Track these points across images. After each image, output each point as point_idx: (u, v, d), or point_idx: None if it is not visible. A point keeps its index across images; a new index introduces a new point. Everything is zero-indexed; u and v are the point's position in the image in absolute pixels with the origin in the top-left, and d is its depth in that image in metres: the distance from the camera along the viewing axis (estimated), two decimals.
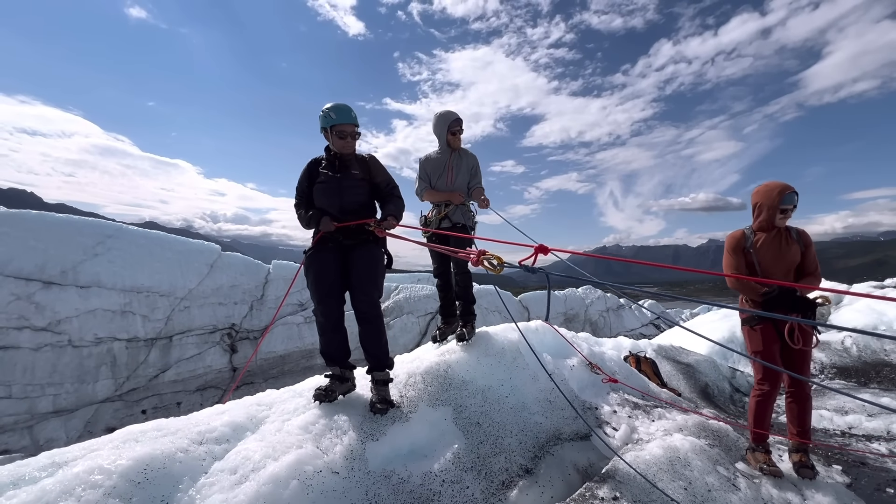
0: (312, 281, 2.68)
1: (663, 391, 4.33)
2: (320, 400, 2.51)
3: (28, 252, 7.90)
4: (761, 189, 2.92)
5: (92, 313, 8.33)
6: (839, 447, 3.92)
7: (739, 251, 2.97)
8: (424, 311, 15.24)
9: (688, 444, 2.95)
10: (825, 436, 4.36)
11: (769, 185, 2.89)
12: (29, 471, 1.78)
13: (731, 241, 3.03)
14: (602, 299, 28.67)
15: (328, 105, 2.75)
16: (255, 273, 11.63)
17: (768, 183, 2.90)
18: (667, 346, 6.11)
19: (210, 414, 2.37)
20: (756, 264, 2.91)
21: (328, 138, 2.79)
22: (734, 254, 2.98)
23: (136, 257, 9.42)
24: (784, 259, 2.88)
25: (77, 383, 8.07)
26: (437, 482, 2.22)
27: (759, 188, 2.94)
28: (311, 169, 2.85)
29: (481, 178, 3.75)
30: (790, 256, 2.92)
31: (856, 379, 5.97)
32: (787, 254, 2.90)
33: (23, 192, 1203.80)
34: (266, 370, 11.21)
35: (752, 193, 3.00)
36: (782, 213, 2.84)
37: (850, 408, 4.90)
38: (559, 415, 3.12)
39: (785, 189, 2.82)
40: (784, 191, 2.81)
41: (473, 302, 3.49)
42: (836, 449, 3.82)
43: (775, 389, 2.95)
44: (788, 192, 2.80)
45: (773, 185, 2.88)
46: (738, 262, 2.97)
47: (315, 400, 2.52)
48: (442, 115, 3.68)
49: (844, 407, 4.95)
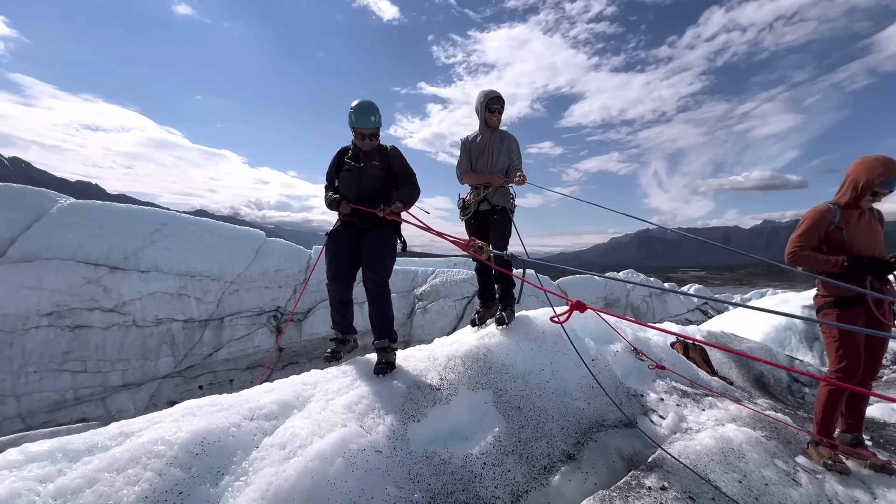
0: (329, 260, 3.00)
1: (714, 379, 4.12)
2: (329, 361, 2.94)
3: (95, 239, 8.55)
4: (863, 163, 2.62)
5: (152, 296, 8.93)
6: None
7: (821, 228, 2.73)
8: (461, 294, 15.28)
9: (742, 435, 2.79)
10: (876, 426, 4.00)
11: (872, 162, 2.57)
12: (101, 439, 1.93)
13: (814, 215, 2.76)
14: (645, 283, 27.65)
15: (354, 104, 2.94)
16: (298, 258, 12.03)
17: (874, 157, 2.59)
18: (717, 332, 5.81)
19: (259, 392, 2.47)
20: (847, 242, 2.66)
21: (353, 134, 3.02)
22: (812, 230, 2.74)
23: (189, 243, 9.99)
24: (874, 238, 2.64)
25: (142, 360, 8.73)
26: (479, 464, 2.23)
27: (861, 161, 2.64)
28: (338, 157, 3.14)
29: (521, 160, 3.64)
30: (877, 236, 2.67)
31: None
32: (876, 233, 2.65)
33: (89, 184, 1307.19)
34: (310, 351, 11.68)
35: (853, 164, 2.71)
36: (874, 195, 2.57)
37: None
38: (602, 401, 3.03)
39: (889, 171, 2.50)
40: (887, 173, 2.50)
41: (513, 285, 3.43)
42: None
43: (853, 379, 2.72)
44: (891, 176, 2.50)
45: (876, 162, 2.55)
46: (814, 239, 2.73)
47: (325, 362, 2.94)
48: (482, 94, 3.58)
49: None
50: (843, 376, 2.76)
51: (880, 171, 2.56)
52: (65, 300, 7.94)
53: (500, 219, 3.48)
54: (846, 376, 2.75)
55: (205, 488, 1.75)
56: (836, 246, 2.74)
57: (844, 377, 2.75)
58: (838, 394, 2.81)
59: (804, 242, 2.78)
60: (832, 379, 2.81)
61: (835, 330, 2.79)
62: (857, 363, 2.73)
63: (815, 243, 2.78)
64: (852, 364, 2.73)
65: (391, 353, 2.84)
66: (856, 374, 2.75)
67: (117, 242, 8.81)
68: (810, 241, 2.78)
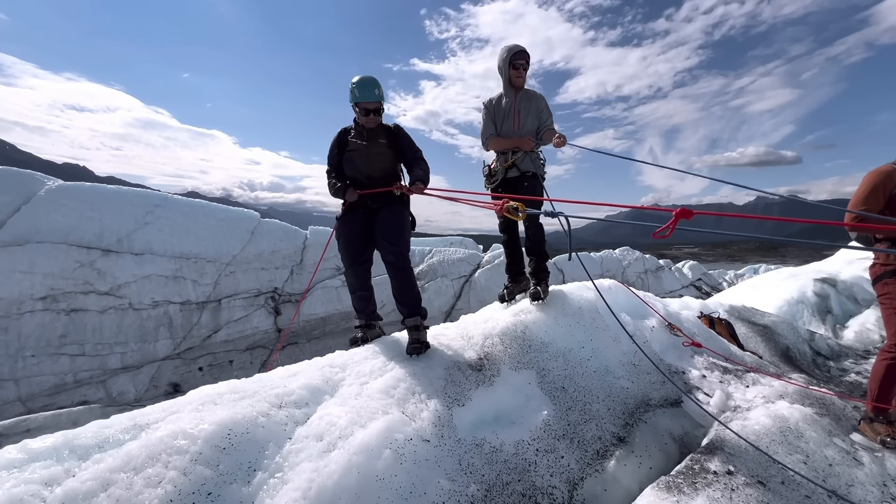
0: (343, 247, 2.90)
1: (746, 354, 3.97)
2: (355, 345, 2.82)
3: (86, 222, 8.23)
4: None
5: (148, 279, 8.68)
6: None
7: (886, 190, 2.49)
8: (458, 274, 15.14)
9: (797, 412, 2.63)
10: None
11: None
12: (112, 433, 1.69)
13: (877, 176, 2.52)
14: (640, 260, 27.68)
15: (355, 79, 2.82)
16: (294, 239, 11.75)
17: None
18: (738, 306, 5.66)
19: (283, 376, 2.24)
20: None
21: (354, 111, 2.89)
22: (877, 192, 2.50)
23: (183, 225, 9.67)
24: None
25: (140, 342, 8.53)
26: (531, 451, 2.03)
27: None
28: (340, 139, 2.98)
29: (552, 118, 3.34)
30: None
31: None
32: None
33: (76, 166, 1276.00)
34: (309, 331, 11.51)
35: None
36: None
37: None
38: (645, 379, 2.85)
39: None
40: None
41: (547, 258, 3.19)
42: None
43: None
44: None
45: None
46: (879, 203, 2.50)
47: (351, 345, 2.83)
48: (506, 49, 3.26)
49: None
50: None
51: None
52: (59, 284, 7.68)
53: (530, 185, 3.22)
54: None
55: (236, 487, 1.52)
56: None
57: None
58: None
59: (869, 205, 2.56)
60: (891, 353, 2.65)
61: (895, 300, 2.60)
62: None
63: (881, 206, 2.55)
64: None
65: (423, 332, 2.65)
66: None
67: (109, 225, 8.51)
68: (875, 205, 2.55)
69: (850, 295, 7.74)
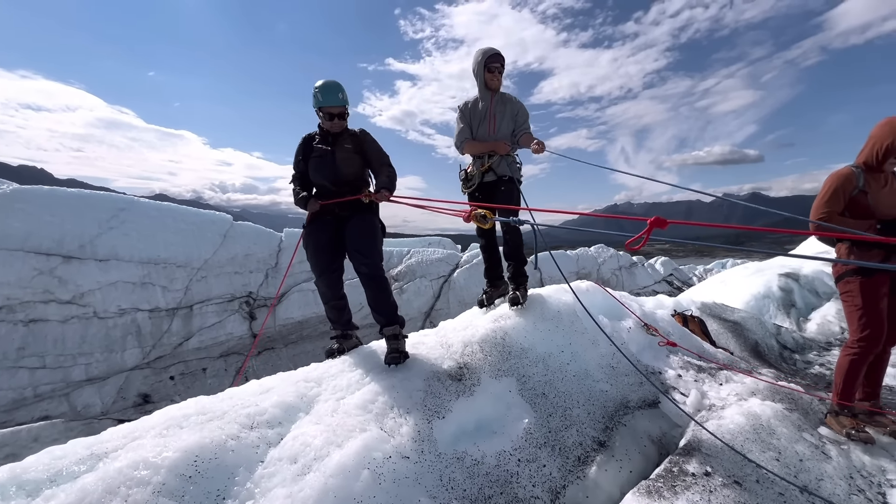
0: (312, 256, 2.82)
1: (719, 351, 4.07)
2: (331, 357, 2.73)
3: (45, 227, 7.82)
4: (888, 124, 2.46)
5: (113, 285, 8.33)
6: None
7: (847, 191, 2.58)
8: (437, 274, 15.12)
9: (769, 409, 2.70)
10: (891, 393, 4.10)
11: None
12: (66, 464, 1.57)
13: (837, 179, 2.60)
14: (615, 257, 28.29)
15: (318, 84, 2.79)
16: (268, 242, 11.48)
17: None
18: (710, 303, 5.82)
19: (254, 392, 2.15)
20: (871, 206, 2.52)
21: (319, 117, 2.84)
22: (837, 195, 2.59)
23: (150, 229, 9.30)
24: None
25: (106, 352, 8.16)
26: (513, 462, 2.01)
27: (886, 121, 2.48)
28: (304, 145, 2.93)
29: (529, 123, 3.33)
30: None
31: None
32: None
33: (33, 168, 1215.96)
34: (285, 336, 11.27)
35: (877, 125, 2.55)
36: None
37: None
38: (624, 381, 2.87)
39: None
40: None
41: (525, 262, 3.18)
42: None
43: (875, 348, 2.65)
44: None
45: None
46: (840, 204, 2.59)
47: (326, 357, 2.74)
48: (478, 52, 3.23)
49: None
50: (865, 345, 2.69)
51: None
52: (15, 293, 7.26)
53: (507, 190, 3.20)
54: (869, 345, 2.68)
55: None
56: (860, 211, 2.61)
57: (867, 346, 2.69)
58: (860, 363, 2.74)
59: (831, 208, 2.65)
60: (854, 348, 2.75)
61: (857, 298, 2.70)
62: (881, 331, 2.66)
63: (841, 208, 2.64)
64: (875, 332, 2.65)
65: (402, 341, 2.61)
66: (879, 342, 2.68)
67: (70, 230, 8.09)
68: (836, 206, 2.64)
69: (811, 289, 8.09)
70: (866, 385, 2.91)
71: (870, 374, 2.88)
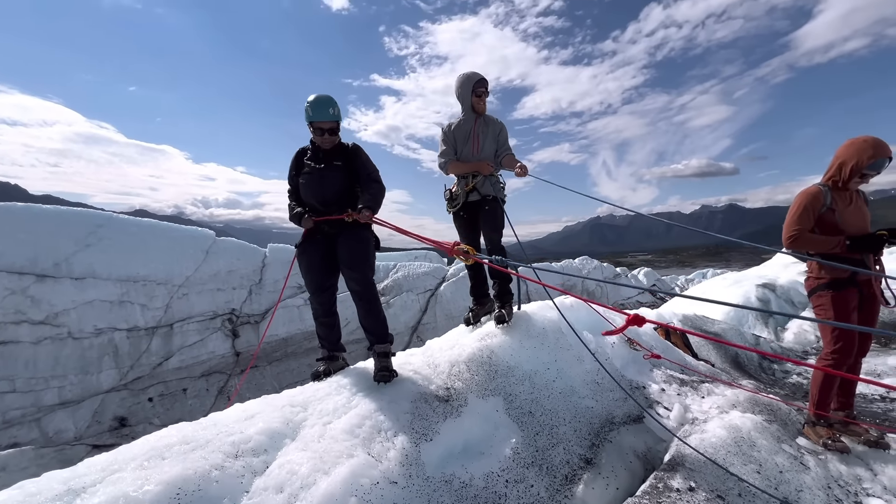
0: (306, 274, 2.84)
1: (700, 364, 4.16)
2: (317, 380, 2.69)
3: (18, 246, 7.56)
4: (852, 144, 2.60)
5: (90, 304, 8.07)
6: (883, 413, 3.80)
7: (815, 209, 2.70)
8: (423, 288, 15.09)
9: (749, 422, 2.77)
10: (864, 401, 4.24)
11: (861, 143, 2.54)
12: (41, 501, 1.52)
13: (806, 198, 2.73)
14: (598, 269, 28.70)
15: (309, 99, 2.77)
16: (252, 257, 11.31)
17: (863, 139, 2.57)
18: (691, 315, 5.94)
19: (239, 418, 2.11)
20: (839, 223, 2.64)
21: (311, 132, 2.83)
22: (807, 213, 2.71)
23: (129, 246, 9.08)
24: (864, 219, 2.64)
25: (81, 374, 7.88)
26: (501, 483, 2.01)
27: (850, 142, 2.62)
28: (297, 160, 2.92)
29: (509, 144, 3.41)
30: (865, 217, 2.68)
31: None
32: (864, 214, 2.66)
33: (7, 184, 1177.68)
34: (269, 353, 11.06)
35: (842, 146, 2.69)
36: (862, 177, 2.56)
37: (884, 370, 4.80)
38: (608, 397, 2.91)
39: (879, 153, 2.49)
40: (877, 155, 2.49)
41: (510, 280, 3.22)
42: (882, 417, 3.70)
43: (848, 360, 2.74)
44: (881, 158, 2.49)
45: (866, 143, 2.53)
46: (810, 221, 2.70)
47: (312, 380, 2.70)
48: (466, 77, 3.31)
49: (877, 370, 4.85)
50: (838, 357, 2.79)
51: (870, 153, 2.55)
52: None
53: (491, 209, 3.25)
54: (842, 357, 2.78)
55: None
56: (828, 228, 2.74)
57: (840, 358, 2.78)
58: (834, 374, 2.84)
59: (802, 225, 2.76)
60: (827, 360, 2.85)
61: (829, 311, 2.81)
62: (852, 343, 2.76)
63: (811, 225, 2.76)
64: (847, 345, 2.75)
65: (390, 359, 2.64)
66: (850, 354, 2.78)
67: (45, 248, 7.84)
68: (807, 224, 2.76)
69: (787, 298, 8.33)
70: (840, 395, 3.00)
71: (843, 385, 2.99)
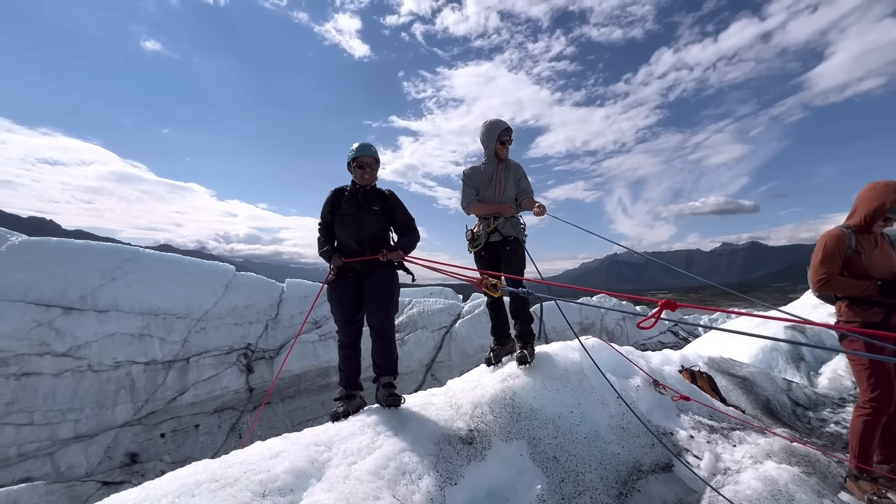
0: (336, 309, 2.97)
1: (730, 409, 4.00)
2: (336, 420, 2.70)
3: (48, 278, 7.86)
4: (874, 188, 2.62)
5: (111, 337, 8.23)
6: None
7: (841, 252, 2.69)
8: (438, 325, 14.97)
9: (786, 473, 2.64)
10: None
11: (884, 188, 2.57)
12: None
13: (831, 240, 2.73)
14: (618, 307, 28.14)
15: (354, 145, 3.03)
16: (270, 292, 11.47)
17: (885, 183, 2.59)
18: (717, 357, 5.77)
19: (264, 457, 2.11)
20: (866, 266, 2.62)
21: (351, 171, 3.04)
22: (833, 256, 2.69)
23: (153, 280, 9.33)
24: (891, 261, 2.61)
25: (97, 408, 7.91)
26: None
27: (872, 186, 2.65)
28: (334, 199, 3.07)
29: (531, 187, 3.52)
30: (892, 258, 2.65)
31: None
32: (891, 256, 2.63)
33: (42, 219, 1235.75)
34: (282, 390, 10.97)
35: (864, 189, 2.71)
36: (885, 220, 2.57)
37: None
38: (635, 443, 2.82)
39: None
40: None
41: (531, 320, 3.23)
42: None
43: (888, 408, 2.63)
44: None
45: (888, 188, 2.55)
46: (837, 264, 2.68)
47: (332, 420, 2.71)
48: (492, 124, 3.47)
49: None
50: (876, 405, 2.68)
51: (892, 196, 2.57)
52: (10, 345, 7.16)
53: (512, 250, 3.32)
54: (880, 405, 2.67)
55: None
56: (856, 271, 2.71)
57: (878, 406, 2.68)
58: (874, 423, 2.71)
59: (830, 269, 2.74)
60: (865, 409, 2.74)
61: (864, 357, 2.73)
62: (891, 390, 2.66)
63: (839, 268, 2.74)
64: (885, 392, 2.65)
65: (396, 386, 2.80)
66: (890, 401, 2.67)
67: (74, 281, 8.12)
68: (835, 267, 2.74)
69: (818, 341, 8.01)
70: (883, 447, 2.85)
71: (886, 436, 2.84)
